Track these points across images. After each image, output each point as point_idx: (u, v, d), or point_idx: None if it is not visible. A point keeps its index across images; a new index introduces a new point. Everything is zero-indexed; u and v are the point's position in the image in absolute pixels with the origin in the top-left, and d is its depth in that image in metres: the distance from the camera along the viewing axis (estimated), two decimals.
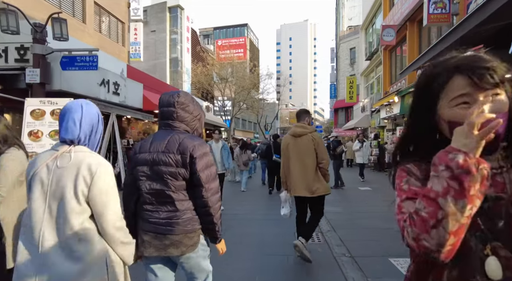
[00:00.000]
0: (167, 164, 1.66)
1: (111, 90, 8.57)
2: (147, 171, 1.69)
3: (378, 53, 15.92)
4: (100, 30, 16.37)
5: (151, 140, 1.75)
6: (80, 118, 1.39)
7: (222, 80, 26.11)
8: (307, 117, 3.79)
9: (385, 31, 11.80)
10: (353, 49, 28.98)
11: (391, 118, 14.35)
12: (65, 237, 1.29)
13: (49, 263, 1.27)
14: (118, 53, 18.19)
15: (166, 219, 1.65)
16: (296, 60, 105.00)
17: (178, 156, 1.65)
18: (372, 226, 5.16)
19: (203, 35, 54.90)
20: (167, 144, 1.68)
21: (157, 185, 1.67)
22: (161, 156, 1.67)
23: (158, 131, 1.80)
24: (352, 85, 22.56)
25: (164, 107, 1.77)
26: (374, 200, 7.50)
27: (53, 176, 1.32)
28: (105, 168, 1.38)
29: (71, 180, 1.31)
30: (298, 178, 3.57)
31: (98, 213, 1.35)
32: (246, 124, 46.83)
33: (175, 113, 1.74)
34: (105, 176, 1.37)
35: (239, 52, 47.26)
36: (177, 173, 1.65)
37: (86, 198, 1.32)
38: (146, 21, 34.76)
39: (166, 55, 34.08)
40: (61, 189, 1.31)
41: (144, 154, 1.72)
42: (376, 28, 16.39)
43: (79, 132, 1.38)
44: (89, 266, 1.31)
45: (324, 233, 4.74)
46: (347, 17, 36.46)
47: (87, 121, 1.41)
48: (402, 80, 12.62)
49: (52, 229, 1.30)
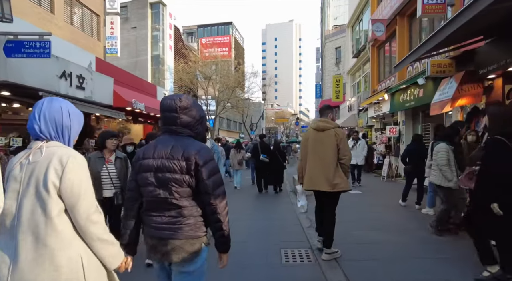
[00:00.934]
0: (172, 170, 1.63)
1: (75, 84, 7.61)
2: (151, 177, 1.66)
3: (365, 50, 15.46)
4: (72, 22, 15.17)
5: (155, 146, 1.72)
6: (39, 114, 1.39)
7: (205, 78, 25.22)
8: (330, 113, 3.79)
9: (374, 25, 11.26)
10: (339, 48, 28.82)
11: (379, 117, 13.88)
12: (38, 234, 1.27)
13: (22, 261, 1.25)
14: (93, 47, 16.98)
15: (168, 224, 1.63)
16: (281, 60, 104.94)
17: (183, 162, 1.62)
18: (369, 239, 4.47)
19: (187, 33, 53.61)
20: (172, 150, 1.65)
21: (161, 191, 1.64)
22: (165, 162, 1.64)
23: (161, 137, 1.76)
24: (339, 84, 22.12)
25: (167, 112, 1.72)
26: (367, 206, 6.87)
27: (25, 172, 1.33)
28: (77, 160, 1.37)
29: (42, 173, 1.30)
30: (318, 172, 3.58)
31: (71, 205, 1.33)
32: (231, 124, 45.97)
33: (178, 118, 1.70)
34: (77, 167, 1.35)
35: (223, 50, 46.33)
36: (182, 180, 1.62)
37: (58, 190, 1.31)
38: (127, 17, 33.58)
39: (147, 52, 32.98)
40: (32, 184, 1.31)
41: (148, 160, 1.69)
42: (363, 25, 15.94)
43: (40, 128, 1.38)
44: (62, 264, 1.28)
45: (315, 250, 4.01)
46: (332, 17, 36.35)
47: (49, 118, 1.40)
48: (391, 78, 12.13)
49: (26, 226, 1.28)
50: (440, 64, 7.08)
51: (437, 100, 7.03)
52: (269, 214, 6.48)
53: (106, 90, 9.10)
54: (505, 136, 2.71)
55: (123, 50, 32.45)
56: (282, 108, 72.60)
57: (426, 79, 7.91)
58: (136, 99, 10.37)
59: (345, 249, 3.94)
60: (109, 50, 18.84)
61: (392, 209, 6.42)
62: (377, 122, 14.38)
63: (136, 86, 12.40)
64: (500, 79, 6.01)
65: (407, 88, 9.58)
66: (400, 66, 6.55)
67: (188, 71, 25.04)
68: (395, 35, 11.50)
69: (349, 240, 4.46)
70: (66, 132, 1.43)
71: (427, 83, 8.09)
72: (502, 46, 5.63)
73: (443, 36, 4.75)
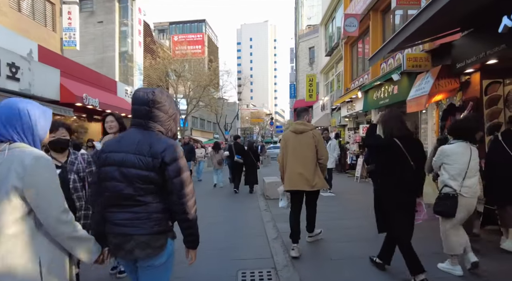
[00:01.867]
0: (137, 166, 1.55)
1: (5, 74, 6.46)
2: (114, 172, 1.57)
3: (338, 48, 15.14)
4: (20, 8, 13.63)
5: (120, 139, 1.65)
6: (5, 115, 1.34)
7: (177, 76, 24.10)
8: (306, 115, 3.99)
9: (347, 20, 10.86)
10: (312, 48, 28.82)
11: (352, 116, 13.56)
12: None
13: None
14: (47, 39, 15.45)
15: (132, 220, 1.56)
16: (256, 61, 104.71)
17: (149, 158, 1.54)
18: (343, 253, 3.83)
19: (158, 29, 51.77)
20: (138, 145, 1.57)
21: (124, 187, 1.55)
22: (130, 157, 1.55)
23: (128, 130, 1.69)
24: (312, 83, 21.80)
25: (138, 105, 1.64)
26: (340, 211, 6.30)
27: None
28: (41, 161, 1.32)
29: (3, 177, 1.26)
30: (298, 172, 3.74)
31: (36, 207, 1.30)
32: (205, 123, 44.77)
33: (150, 112, 1.62)
34: (41, 169, 1.32)
35: (196, 48, 45.12)
36: (146, 177, 1.54)
37: (21, 193, 1.27)
38: (92, 11, 31.77)
39: (115, 48, 31.27)
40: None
41: (111, 153, 1.60)
42: (337, 22, 15.62)
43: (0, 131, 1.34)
44: (18, 264, 1.25)
45: (279, 270, 3.31)
46: (306, 16, 36.42)
47: (6, 120, 1.33)
48: (364, 75, 11.81)
49: None
50: (416, 57, 6.67)
51: (413, 96, 6.62)
52: (235, 221, 5.74)
53: (50, 83, 7.96)
54: (398, 138, 2.98)
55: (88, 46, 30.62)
56: (258, 108, 72.24)
57: (401, 74, 7.52)
58: (89, 93, 9.25)
59: (314, 268, 3.28)
60: (66, 42, 17.27)
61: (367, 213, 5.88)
62: (350, 121, 14.07)
63: (91, 80, 11.21)
64: (477, 73, 5.65)
65: (381, 85, 9.21)
66: (375, 58, 6.05)
67: (155, 67, 23.80)
68: (368, 31, 11.17)
69: (320, 255, 3.82)
70: (29, 133, 1.38)
71: (402, 79, 7.71)
72: (481, 38, 5.25)
73: (419, 24, 4.28)
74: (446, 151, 3.17)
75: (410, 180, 2.87)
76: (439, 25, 5.08)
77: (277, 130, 52.88)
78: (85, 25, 31.98)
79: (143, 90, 1.67)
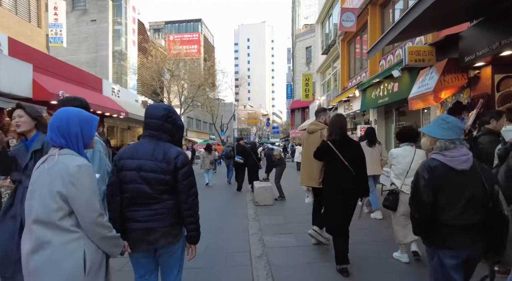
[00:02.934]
0: (154, 171, 1.87)
1: None
2: (134, 175, 1.87)
3: (335, 45, 14.56)
4: (1, 3, 12.96)
5: (137, 148, 1.95)
6: (51, 124, 1.56)
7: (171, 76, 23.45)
8: (323, 115, 4.10)
9: (344, 15, 10.27)
10: (309, 48, 28.43)
11: (349, 116, 12.98)
12: (44, 233, 1.46)
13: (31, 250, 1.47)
14: (31, 35, 14.79)
15: (154, 215, 1.86)
16: (254, 61, 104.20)
17: (163, 164, 1.87)
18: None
19: (154, 29, 50.96)
20: (154, 152, 1.89)
21: (143, 188, 1.86)
22: (148, 163, 1.87)
23: (143, 140, 1.98)
24: (308, 83, 21.24)
25: (151, 119, 1.97)
26: None
27: (39, 177, 1.52)
28: (82, 169, 1.51)
29: (53, 182, 1.47)
30: (307, 170, 4.01)
31: (77, 210, 1.49)
32: (200, 124, 44.03)
33: (162, 125, 1.96)
34: (82, 176, 1.50)
35: (192, 48, 44.42)
36: (162, 179, 1.87)
37: (64, 197, 1.47)
38: (85, 9, 31.04)
39: (108, 47, 30.47)
40: (44, 190, 1.49)
41: (129, 160, 1.91)
42: (334, 19, 15.06)
43: (52, 137, 1.55)
44: (64, 257, 1.46)
45: None
46: (303, 16, 36.02)
47: (57, 128, 1.54)
48: (362, 73, 11.23)
49: (37, 225, 1.47)
50: (418, 51, 6.09)
51: (415, 93, 6.03)
52: (217, 232, 5.09)
53: (20, 79, 7.31)
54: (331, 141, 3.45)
55: (81, 45, 29.91)
56: (255, 109, 71.64)
57: (402, 70, 6.94)
58: (67, 91, 8.59)
59: None
60: (52, 39, 16.54)
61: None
62: (348, 122, 13.48)
63: (72, 77, 10.56)
64: (488, 67, 5.08)
65: (380, 82, 8.63)
66: (375, 48, 5.46)
67: (147, 66, 23.14)
68: (366, 27, 10.60)
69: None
70: (75, 140, 1.56)
71: (403, 75, 7.12)
72: (493, 28, 4.67)
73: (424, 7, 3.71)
74: (392, 153, 3.68)
75: (339, 175, 3.31)
76: (446, 11, 4.51)
77: (274, 130, 52.29)
78: (78, 23, 31.28)
79: (155, 106, 2.03)
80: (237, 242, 4.59)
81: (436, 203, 1.90)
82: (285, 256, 3.84)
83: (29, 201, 1.51)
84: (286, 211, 6.54)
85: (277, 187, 7.78)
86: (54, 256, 1.44)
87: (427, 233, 1.98)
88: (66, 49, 23.99)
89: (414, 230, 2.09)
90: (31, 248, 1.45)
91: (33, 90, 7.62)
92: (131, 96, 16.55)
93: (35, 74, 7.81)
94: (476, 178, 1.89)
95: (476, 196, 1.86)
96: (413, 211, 2.03)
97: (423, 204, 1.93)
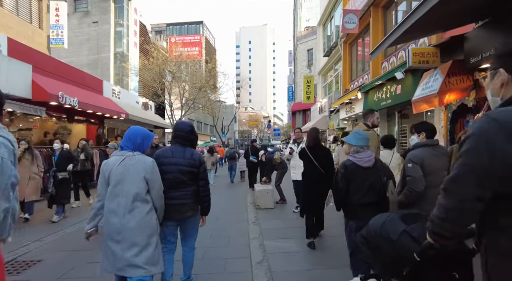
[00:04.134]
0: (186, 165, 2.81)
1: None
2: (173, 168, 2.78)
3: (337, 47, 14.48)
4: (2, 3, 12.94)
5: (172, 150, 2.87)
6: (126, 135, 2.48)
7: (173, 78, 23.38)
8: (370, 117, 4.09)
9: (346, 17, 10.19)
10: (311, 50, 28.31)
11: (351, 119, 12.84)
12: (135, 204, 2.31)
13: (125, 214, 2.29)
14: (32, 36, 14.74)
15: (186, 195, 2.80)
16: (255, 64, 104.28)
17: (192, 161, 2.83)
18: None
19: (155, 31, 51.05)
20: (184, 154, 2.85)
21: (178, 176, 2.78)
22: (181, 160, 2.81)
23: (175, 145, 2.90)
24: (310, 85, 21.14)
25: (181, 132, 2.92)
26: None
27: (126, 170, 2.33)
28: (154, 163, 2.47)
29: (139, 171, 2.35)
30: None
31: (152, 188, 2.42)
32: (201, 126, 43.97)
33: (188, 137, 2.92)
34: (155, 167, 2.46)
35: (194, 50, 44.44)
36: (190, 171, 2.82)
37: (147, 180, 2.37)
38: (87, 11, 31.09)
39: (110, 49, 30.46)
40: (135, 176, 2.34)
41: (168, 158, 2.81)
42: (335, 21, 14.98)
43: (126, 144, 2.45)
44: (146, 218, 2.33)
45: None
46: (305, 18, 35.91)
47: (130, 139, 2.45)
48: (364, 75, 11.13)
49: (134, 198, 2.31)
50: (422, 52, 5.99)
51: (419, 95, 5.92)
52: (219, 237, 4.95)
53: (19, 80, 7.23)
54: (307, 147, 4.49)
55: (83, 46, 29.93)
56: (256, 111, 71.58)
57: (405, 72, 6.83)
58: (67, 92, 8.52)
59: None
60: (54, 40, 16.54)
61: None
62: (349, 124, 13.36)
63: (72, 78, 10.48)
64: None
65: (383, 84, 8.52)
66: (378, 50, 5.36)
67: (149, 68, 23.08)
68: (368, 29, 10.50)
69: None
70: (140, 147, 2.47)
71: (406, 77, 7.01)
72: (500, 28, 4.57)
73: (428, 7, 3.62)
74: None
75: (314, 177, 4.23)
76: (451, 12, 4.41)
77: (275, 133, 52.14)
78: (80, 25, 31.31)
79: (182, 123, 3.05)
80: (237, 247, 4.47)
81: (348, 189, 2.75)
82: (286, 262, 3.73)
83: (121, 185, 2.30)
84: (287, 214, 6.43)
85: (278, 190, 7.67)
86: (146, 217, 2.31)
87: (343, 209, 2.90)
88: (67, 51, 23.99)
89: (336, 208, 2.96)
90: (129, 213, 2.28)
91: (32, 90, 7.54)
92: (132, 98, 16.48)
93: (35, 75, 7.74)
94: (375, 172, 2.73)
95: (373, 184, 2.69)
96: (334, 195, 2.98)
97: (339, 190, 2.81)
